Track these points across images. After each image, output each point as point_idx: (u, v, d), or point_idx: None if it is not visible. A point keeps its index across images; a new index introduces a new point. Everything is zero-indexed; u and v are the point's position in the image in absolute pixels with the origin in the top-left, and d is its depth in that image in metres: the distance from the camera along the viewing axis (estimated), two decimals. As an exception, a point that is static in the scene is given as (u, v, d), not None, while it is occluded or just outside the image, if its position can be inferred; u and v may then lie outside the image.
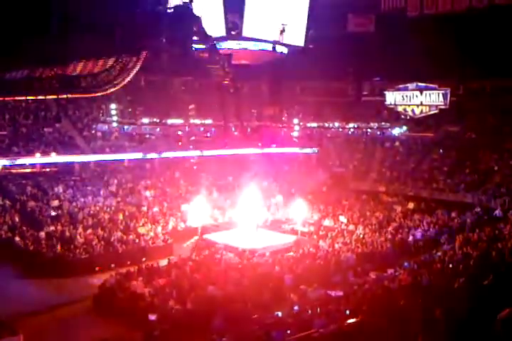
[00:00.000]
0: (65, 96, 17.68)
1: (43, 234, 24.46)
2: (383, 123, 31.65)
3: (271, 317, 15.75)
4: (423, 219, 28.87)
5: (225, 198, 33.60)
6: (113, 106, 24.71)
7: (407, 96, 38.16)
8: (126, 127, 24.78)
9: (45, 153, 31.66)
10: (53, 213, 27.39)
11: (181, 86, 37.11)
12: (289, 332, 13.87)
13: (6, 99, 21.41)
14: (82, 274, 20.64)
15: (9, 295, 18.81)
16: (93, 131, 33.47)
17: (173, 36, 20.91)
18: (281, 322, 15.12)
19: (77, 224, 26.21)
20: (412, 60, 33.93)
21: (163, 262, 21.27)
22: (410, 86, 37.78)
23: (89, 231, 25.07)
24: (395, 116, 40.58)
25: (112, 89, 17.00)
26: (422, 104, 37.37)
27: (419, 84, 37.26)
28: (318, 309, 15.96)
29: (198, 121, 25.29)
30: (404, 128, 36.30)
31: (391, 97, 38.92)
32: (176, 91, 34.95)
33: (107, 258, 22.32)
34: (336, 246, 23.85)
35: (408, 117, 39.15)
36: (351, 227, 27.83)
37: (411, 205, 32.08)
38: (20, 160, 30.80)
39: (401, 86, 38.32)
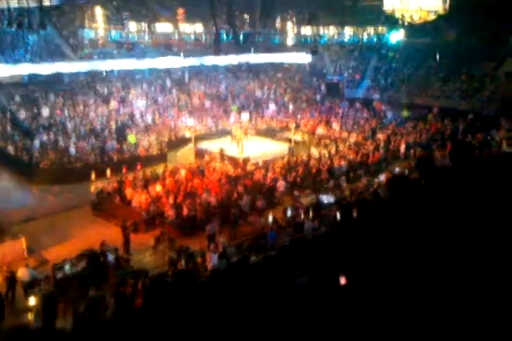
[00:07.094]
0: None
1: (37, 142, 24.46)
2: (380, 29, 30.38)
3: (264, 221, 16.35)
4: (416, 126, 28.88)
5: (217, 107, 33.30)
6: (98, 11, 23.43)
7: (405, 0, 36.29)
8: (113, 34, 23.64)
9: (32, 62, 30.67)
10: (45, 122, 27.17)
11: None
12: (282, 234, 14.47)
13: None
14: (79, 182, 20.86)
15: (9, 202, 19.25)
16: (79, 39, 32.23)
17: None
18: (275, 225, 15.71)
19: (70, 133, 26.17)
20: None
21: (159, 170, 21.53)
22: (409, -12, 35.76)
23: (83, 140, 25.08)
24: (392, 22, 38.90)
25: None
26: (420, 9, 35.64)
27: (419, -14, 35.24)
28: (311, 213, 16.51)
29: (187, 27, 24.19)
30: (402, 34, 34.97)
31: (389, 2, 37.04)
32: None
33: (102, 166, 22.53)
34: (328, 153, 24.04)
35: (406, 23, 37.54)
36: (344, 135, 27.91)
37: (405, 113, 31.89)
38: (7, 70, 29.93)
39: (399, -11, 36.25)
